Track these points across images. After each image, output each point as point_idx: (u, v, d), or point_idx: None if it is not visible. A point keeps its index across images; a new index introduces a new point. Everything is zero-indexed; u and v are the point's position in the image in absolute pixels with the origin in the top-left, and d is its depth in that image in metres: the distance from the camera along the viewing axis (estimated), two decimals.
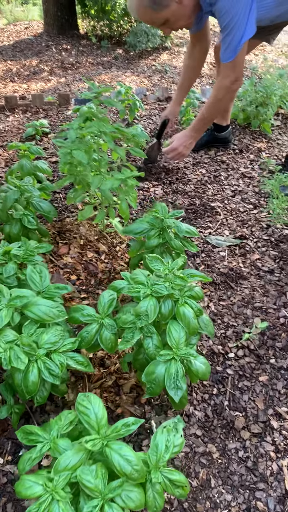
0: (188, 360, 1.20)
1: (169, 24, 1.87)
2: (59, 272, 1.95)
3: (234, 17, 1.76)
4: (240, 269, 2.00)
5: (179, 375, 1.17)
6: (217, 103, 2.13)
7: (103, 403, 1.07)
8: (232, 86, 2.01)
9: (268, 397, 1.54)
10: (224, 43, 1.86)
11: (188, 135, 2.28)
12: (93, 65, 4.67)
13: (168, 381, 1.17)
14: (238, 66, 1.95)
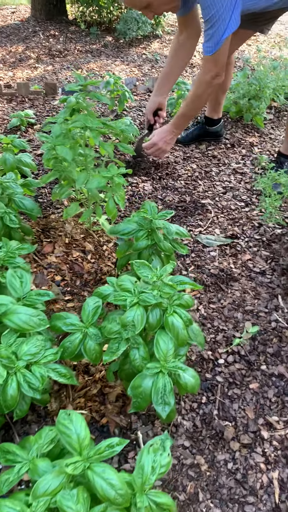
0: (176, 373, 1.14)
1: (152, 8, 1.79)
2: (43, 272, 1.87)
3: (219, 11, 1.70)
4: (231, 270, 1.94)
5: (166, 390, 1.11)
6: (197, 99, 2.08)
7: (85, 421, 1.00)
8: (213, 81, 1.96)
9: (259, 406, 1.49)
10: (207, 35, 1.80)
11: (168, 130, 2.23)
12: (82, 52, 4.53)
13: (155, 396, 1.11)
14: (220, 61, 1.89)
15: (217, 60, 1.87)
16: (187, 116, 2.19)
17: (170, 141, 2.26)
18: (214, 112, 2.69)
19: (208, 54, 1.85)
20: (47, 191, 2.35)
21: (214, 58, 1.86)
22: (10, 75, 3.86)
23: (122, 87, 3.00)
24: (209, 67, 1.92)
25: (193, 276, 1.90)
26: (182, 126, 2.25)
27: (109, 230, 1.63)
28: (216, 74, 1.93)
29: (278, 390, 1.53)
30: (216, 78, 1.95)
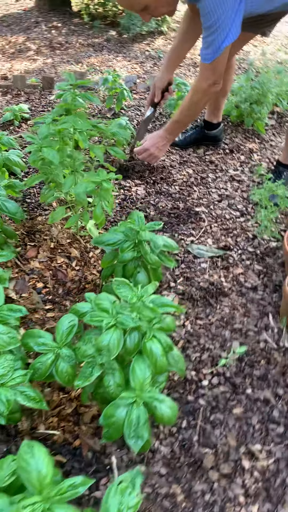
0: (152, 404, 1.06)
1: (149, 10, 1.72)
2: (24, 278, 1.78)
3: (219, 19, 1.63)
4: (221, 284, 1.86)
5: (140, 422, 1.03)
6: (192, 106, 2.02)
7: (48, 456, 0.92)
8: (210, 89, 1.90)
9: (242, 433, 1.42)
10: (205, 42, 1.73)
11: (161, 136, 2.18)
12: (84, 46, 4.42)
13: (127, 428, 1.03)
14: (218, 69, 1.83)
15: (215, 68, 1.81)
16: (181, 123, 2.13)
17: (162, 147, 2.20)
18: (214, 116, 2.60)
19: (206, 62, 1.78)
20: (36, 191, 2.26)
21: (212, 66, 1.80)
22: (8, 67, 3.76)
23: (120, 85, 2.90)
24: (206, 75, 1.86)
25: (181, 289, 1.82)
26: (176, 133, 2.19)
27: (94, 240, 1.55)
28: (213, 82, 1.87)
29: (263, 417, 1.46)
30: (213, 86, 1.89)
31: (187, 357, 1.60)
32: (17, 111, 2.79)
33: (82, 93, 1.61)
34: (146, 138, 2.21)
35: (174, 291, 1.82)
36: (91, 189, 1.61)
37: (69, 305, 1.71)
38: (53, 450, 1.33)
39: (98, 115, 3.00)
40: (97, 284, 1.79)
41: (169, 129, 2.14)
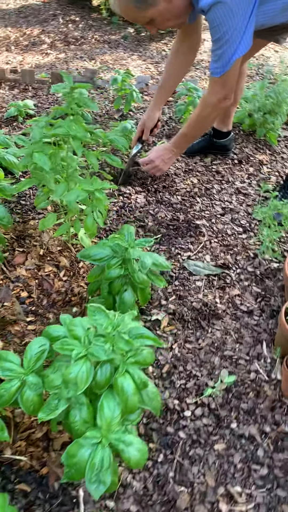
0: (118, 447, 0.97)
1: (155, 23, 1.65)
2: (9, 286, 1.70)
3: (227, 32, 1.54)
4: (216, 306, 1.76)
5: (104, 466, 0.94)
6: (201, 120, 1.94)
7: (6, 501, 0.84)
8: (220, 104, 1.82)
9: (222, 471, 1.32)
10: (215, 55, 1.66)
11: (167, 149, 2.10)
12: (99, 42, 4.32)
13: (89, 472, 0.94)
14: (228, 83, 1.75)
15: (225, 82, 1.72)
16: (189, 136, 2.05)
17: (168, 160, 2.12)
18: (223, 124, 2.49)
19: (216, 76, 1.69)
20: (32, 192, 2.18)
21: (222, 80, 1.72)
22: (19, 60, 3.68)
23: (130, 86, 2.81)
24: (216, 89, 1.77)
25: (172, 308, 1.73)
26: (183, 146, 2.12)
27: (80, 253, 1.46)
28: (224, 96, 1.78)
29: (246, 455, 1.36)
30: (223, 101, 1.81)
31: (171, 383, 1.51)
32: (22, 107, 2.71)
33: (79, 96, 1.52)
34: (152, 150, 2.13)
35: (164, 309, 1.72)
36: (82, 198, 1.52)
37: (52, 318, 1.63)
38: (18, 477, 1.25)
39: (105, 115, 2.91)
40: (83, 298, 1.70)
41: (176, 142, 2.06)
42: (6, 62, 3.59)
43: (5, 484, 1.22)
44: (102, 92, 3.21)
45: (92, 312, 1.06)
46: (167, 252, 1.97)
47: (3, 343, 1.51)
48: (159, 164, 2.10)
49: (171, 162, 2.14)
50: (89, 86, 1.51)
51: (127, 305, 1.47)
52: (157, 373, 1.53)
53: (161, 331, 1.65)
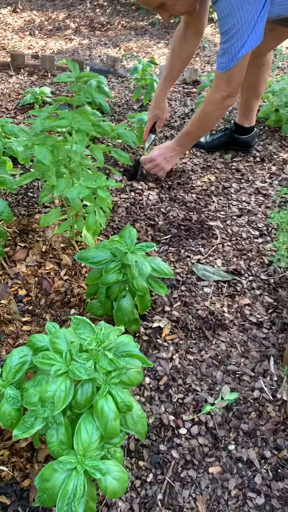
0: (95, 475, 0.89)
1: (165, 8, 1.58)
2: (7, 282, 1.64)
3: (236, 24, 1.44)
4: (223, 315, 1.66)
5: (77, 495, 0.87)
6: (203, 119, 1.88)
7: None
8: (224, 102, 1.73)
9: (214, 497, 1.23)
10: (221, 49, 1.56)
11: (170, 147, 2.04)
12: (125, 29, 4.19)
13: (60, 501, 0.87)
14: (233, 80, 1.67)
15: (230, 79, 1.64)
16: (191, 135, 1.99)
17: (170, 159, 2.05)
18: (245, 118, 2.35)
19: (221, 71, 1.59)
20: (40, 185, 2.11)
21: (227, 76, 1.63)
22: (42, 44, 3.60)
23: (151, 76, 2.69)
24: (220, 86, 1.69)
25: (176, 315, 1.63)
26: (186, 145, 2.06)
27: (77, 255, 1.38)
28: (228, 94, 1.71)
29: (242, 481, 1.26)
30: (227, 99, 1.74)
31: (168, 397, 1.42)
32: (38, 94, 2.63)
33: (86, 88, 1.43)
34: (154, 148, 2.07)
35: (167, 316, 1.63)
36: (84, 194, 1.43)
37: (49, 319, 1.56)
38: None
39: (124, 106, 2.81)
40: (83, 300, 1.63)
41: (179, 140, 2.01)
42: (28, 47, 3.52)
43: None
44: (123, 81, 3.10)
45: (76, 325, 0.97)
46: (175, 254, 1.87)
47: None
48: (161, 163, 2.04)
49: (174, 161, 2.08)
50: (94, 76, 1.41)
51: (125, 312, 1.38)
52: (153, 384, 1.44)
53: (162, 339, 1.56)
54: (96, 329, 0.98)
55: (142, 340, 1.54)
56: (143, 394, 1.41)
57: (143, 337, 1.55)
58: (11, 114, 2.59)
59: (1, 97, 2.71)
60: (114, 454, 1.00)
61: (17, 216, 1.91)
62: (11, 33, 3.74)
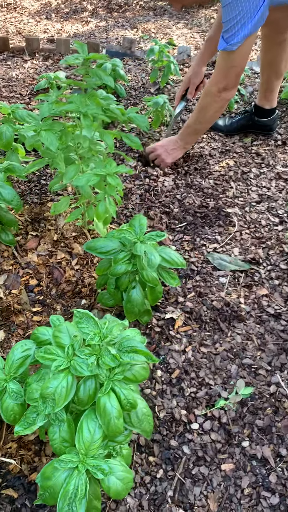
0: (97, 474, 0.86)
1: None
2: (18, 272, 1.62)
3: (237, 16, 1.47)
4: (239, 306, 1.59)
5: (78, 496, 0.83)
6: (201, 111, 1.84)
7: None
8: (220, 94, 1.71)
9: (227, 495, 1.19)
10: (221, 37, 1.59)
11: (173, 140, 2.02)
12: (144, 9, 4.07)
13: (61, 500, 0.84)
14: (232, 72, 1.65)
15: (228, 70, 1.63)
16: (191, 128, 1.95)
17: (171, 151, 2.03)
18: (266, 100, 2.24)
19: (220, 48, 1.58)
20: (53, 172, 2.07)
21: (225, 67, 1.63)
22: (58, 28, 3.53)
23: (168, 57, 2.59)
24: (217, 78, 1.70)
25: (190, 306, 1.58)
26: (187, 139, 2.01)
27: (86, 245, 1.34)
28: (224, 87, 1.69)
29: (256, 480, 1.22)
30: (223, 91, 1.70)
31: (180, 390, 1.38)
32: (53, 79, 2.58)
33: (94, 69, 1.36)
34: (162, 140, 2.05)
35: (181, 307, 1.58)
36: (94, 182, 1.38)
37: (60, 310, 1.53)
38: (5, 481, 1.18)
39: (140, 89, 2.73)
40: (94, 290, 1.59)
41: (181, 133, 2.00)
42: (44, 31, 3.45)
43: None
44: (140, 64, 3.02)
45: (78, 318, 0.93)
46: (191, 243, 1.81)
47: (5, 334, 1.44)
48: (162, 154, 2.02)
49: (175, 153, 2.05)
50: (103, 57, 1.35)
51: (135, 303, 1.34)
52: (165, 378, 1.40)
53: (175, 331, 1.51)
54: (100, 323, 0.93)
55: (154, 331, 1.50)
56: (155, 388, 1.37)
57: (155, 328, 1.51)
58: (25, 100, 2.55)
59: (15, 82, 2.67)
60: (120, 451, 0.97)
61: (29, 204, 1.88)
62: (27, 17, 3.68)
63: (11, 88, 2.61)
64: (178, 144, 2.02)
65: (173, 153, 2.03)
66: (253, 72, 2.99)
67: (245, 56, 1.62)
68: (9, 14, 3.73)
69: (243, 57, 1.61)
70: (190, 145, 2.09)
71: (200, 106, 1.85)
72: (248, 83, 2.87)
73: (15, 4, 3.90)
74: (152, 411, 1.31)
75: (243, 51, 1.59)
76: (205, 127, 1.97)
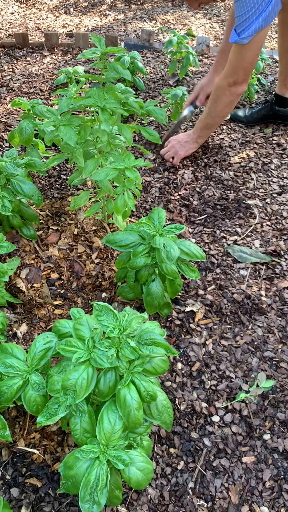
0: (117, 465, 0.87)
1: None
2: (40, 266, 1.64)
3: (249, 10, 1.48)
4: (260, 299, 1.58)
5: (99, 485, 0.85)
6: (212, 105, 1.85)
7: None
8: (230, 88, 1.71)
9: (248, 488, 1.19)
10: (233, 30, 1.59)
11: (187, 134, 2.05)
12: (162, 0, 4.03)
13: (83, 489, 0.85)
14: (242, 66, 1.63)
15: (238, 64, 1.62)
16: (203, 122, 1.96)
17: (185, 144, 2.03)
18: (286, 88, 2.20)
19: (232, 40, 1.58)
20: (73, 166, 2.08)
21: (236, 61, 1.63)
22: (76, 22, 3.53)
23: (186, 48, 2.57)
24: (227, 72, 1.68)
25: (210, 299, 1.57)
26: (200, 133, 2.02)
27: (105, 238, 1.35)
28: (234, 81, 1.68)
29: (278, 473, 1.21)
30: (233, 86, 1.70)
31: (200, 383, 1.38)
32: (72, 73, 2.59)
33: (111, 63, 1.36)
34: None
35: (201, 300, 1.57)
36: (112, 176, 1.39)
37: (80, 303, 1.55)
38: (29, 471, 1.20)
39: (159, 81, 2.71)
40: (114, 283, 1.60)
41: (195, 127, 2.01)
42: (63, 26, 3.46)
43: (15, 476, 1.19)
44: (159, 56, 3.00)
45: (98, 311, 0.94)
46: (210, 235, 1.80)
47: (27, 327, 1.46)
48: (175, 145, 2.03)
49: (188, 146, 2.04)
50: (120, 50, 1.34)
51: (155, 296, 1.34)
52: (186, 370, 1.40)
53: (195, 324, 1.51)
54: (119, 316, 0.94)
55: (174, 324, 1.50)
56: (175, 380, 1.38)
57: (176, 321, 1.51)
58: (45, 95, 2.56)
59: (35, 78, 2.69)
60: (141, 442, 0.98)
61: (50, 199, 1.90)
62: (46, 13, 3.70)
63: (31, 83, 2.63)
64: (191, 137, 2.02)
65: (186, 145, 2.03)
66: (273, 61, 2.93)
67: (256, 51, 1.62)
68: (28, 10, 3.75)
69: (254, 51, 1.60)
70: (203, 140, 2.08)
71: (212, 100, 1.85)
72: (269, 72, 2.82)
73: (34, 0, 3.92)
74: (173, 404, 1.32)
75: (254, 46, 1.58)
76: (217, 122, 1.96)
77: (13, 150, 1.59)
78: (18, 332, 1.44)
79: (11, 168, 1.48)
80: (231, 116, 2.41)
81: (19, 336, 1.44)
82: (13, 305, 1.53)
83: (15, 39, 2.99)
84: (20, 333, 1.44)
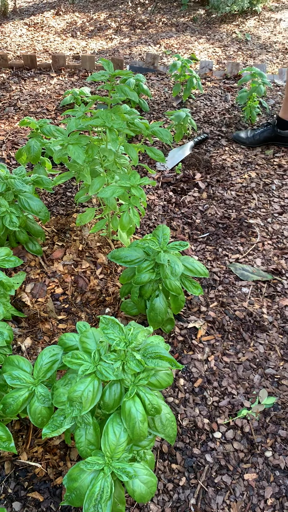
0: (121, 477, 0.88)
1: None
2: (45, 281, 1.67)
3: None
4: (262, 316, 1.60)
5: (103, 497, 0.86)
6: None
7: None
8: None
9: (250, 505, 1.19)
10: None
11: None
12: (166, 25, 4.16)
13: (87, 501, 0.86)
14: None
15: None
16: None
17: None
18: (286, 112, 2.26)
19: None
20: (78, 184, 2.13)
21: None
22: (83, 45, 3.63)
23: (190, 72, 2.64)
24: None
25: (212, 316, 1.59)
26: None
27: (110, 254, 1.37)
28: None
29: (279, 490, 1.21)
30: None
31: (203, 399, 1.39)
32: (78, 94, 2.66)
33: (119, 85, 1.42)
34: None
35: (203, 317, 1.59)
36: (118, 194, 1.43)
37: (84, 317, 1.57)
38: (31, 485, 1.20)
39: (163, 103, 2.78)
40: (117, 298, 1.62)
41: None
42: (70, 48, 3.56)
43: (18, 490, 1.19)
44: (163, 78, 3.08)
45: (104, 324, 0.96)
46: (213, 253, 1.83)
47: (31, 341, 1.48)
48: None
49: None
50: (128, 73, 1.40)
51: (158, 312, 1.36)
52: (188, 386, 1.42)
53: (198, 340, 1.53)
54: (125, 330, 0.96)
55: (177, 340, 1.52)
56: (177, 396, 1.39)
57: (178, 337, 1.52)
58: (51, 115, 2.63)
59: (42, 98, 2.76)
60: (144, 456, 0.99)
61: (56, 216, 1.94)
62: (53, 35, 3.81)
63: (38, 103, 2.70)
64: None
65: None
66: (275, 85, 3.01)
67: None
68: (36, 33, 3.87)
69: None
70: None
71: None
72: (270, 95, 2.89)
73: (42, 23, 4.04)
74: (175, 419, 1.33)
75: None
76: None
77: (21, 167, 1.63)
78: (22, 345, 1.46)
79: (20, 185, 1.52)
80: (233, 137, 2.46)
81: (23, 350, 1.45)
82: (18, 319, 1.55)
83: (23, 61, 3.08)
84: (24, 347, 1.46)
